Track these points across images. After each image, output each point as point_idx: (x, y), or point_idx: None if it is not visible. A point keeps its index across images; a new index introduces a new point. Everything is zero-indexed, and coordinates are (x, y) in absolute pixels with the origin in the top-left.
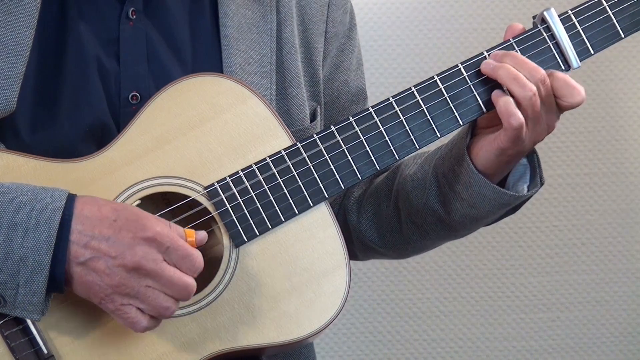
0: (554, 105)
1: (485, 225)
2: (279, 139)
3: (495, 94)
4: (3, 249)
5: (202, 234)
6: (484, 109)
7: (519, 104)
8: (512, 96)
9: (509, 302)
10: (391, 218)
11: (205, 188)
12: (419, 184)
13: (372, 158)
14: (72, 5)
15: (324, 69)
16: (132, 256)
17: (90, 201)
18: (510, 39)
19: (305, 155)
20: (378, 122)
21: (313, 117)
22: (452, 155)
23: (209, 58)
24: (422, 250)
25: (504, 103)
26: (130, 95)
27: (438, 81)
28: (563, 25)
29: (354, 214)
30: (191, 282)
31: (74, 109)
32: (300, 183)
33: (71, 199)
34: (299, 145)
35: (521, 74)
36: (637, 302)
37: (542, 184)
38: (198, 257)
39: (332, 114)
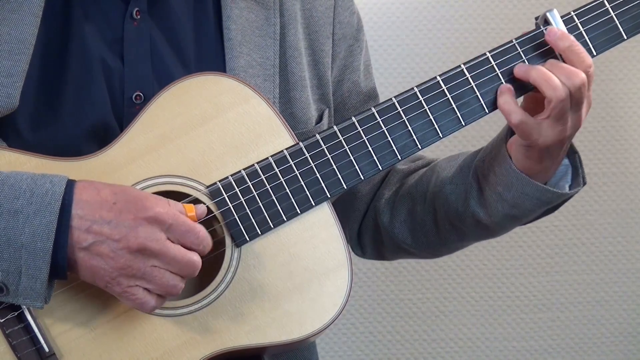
0: (584, 104)
1: (522, 225)
2: (281, 139)
3: (499, 92)
4: (4, 236)
5: (202, 207)
6: (487, 110)
7: (548, 103)
8: (545, 96)
9: (509, 302)
10: (426, 220)
11: (207, 187)
12: (458, 187)
13: (375, 158)
14: (76, 4)
15: (332, 71)
16: (135, 238)
17: (88, 185)
18: (513, 40)
19: (307, 155)
20: (380, 122)
21: (319, 120)
22: (492, 157)
23: (212, 60)
24: (457, 250)
25: (502, 102)
26: (134, 95)
27: (441, 82)
28: (566, 26)
29: (386, 216)
30: (196, 258)
31: (77, 108)
32: (302, 183)
33: (70, 184)
34: (301, 145)
35: (552, 75)
36: (637, 302)
37: (584, 183)
38: (201, 230)
39: (344, 115)
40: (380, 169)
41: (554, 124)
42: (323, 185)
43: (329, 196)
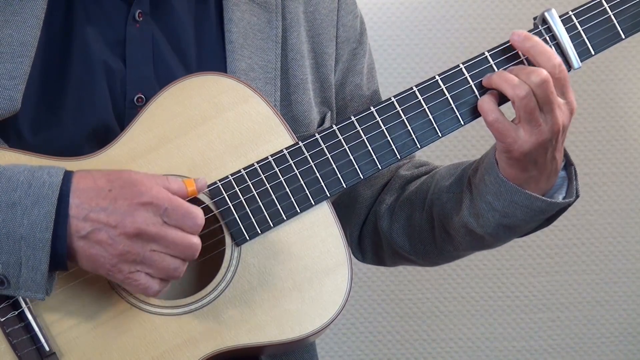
0: (554, 104)
1: (520, 237)
2: (280, 138)
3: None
4: (3, 229)
5: (202, 181)
6: None
7: (513, 104)
8: (508, 97)
9: (509, 302)
10: (424, 228)
11: (207, 186)
12: (454, 196)
13: (374, 157)
14: (79, 6)
15: (336, 74)
16: (132, 223)
17: (85, 175)
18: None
19: (307, 154)
20: (380, 121)
21: (322, 123)
22: (483, 166)
23: (213, 63)
24: (453, 259)
25: (480, 102)
26: (135, 97)
27: (439, 81)
28: (564, 25)
29: (386, 221)
30: (195, 240)
31: (78, 110)
32: (302, 182)
33: (68, 175)
34: (300, 144)
35: (513, 75)
36: (637, 302)
37: (577, 196)
38: (199, 213)
39: (347, 118)
40: (380, 168)
41: (526, 126)
42: (322, 184)
43: (329, 195)
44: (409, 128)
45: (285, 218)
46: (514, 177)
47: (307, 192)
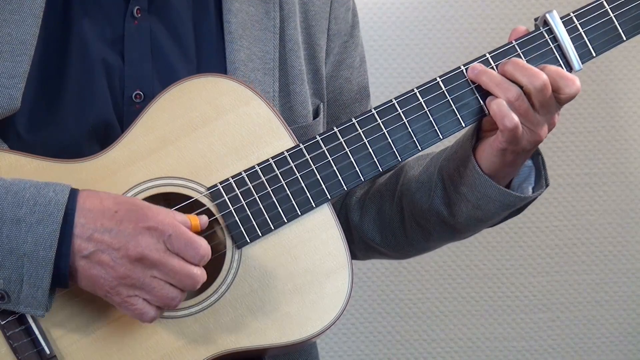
0: (554, 104)
1: (489, 227)
2: (281, 140)
3: (490, 98)
4: (7, 244)
5: (204, 218)
6: (487, 111)
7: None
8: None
9: (509, 302)
10: (394, 219)
11: (208, 189)
12: (423, 185)
13: (375, 160)
14: (77, 4)
15: (326, 67)
16: (135, 247)
17: (92, 195)
18: (513, 41)
19: (308, 156)
20: (381, 123)
21: (316, 114)
22: (458, 157)
23: (213, 55)
24: (424, 251)
25: (497, 106)
26: (134, 94)
27: (440, 83)
28: (565, 27)
29: (356, 214)
30: (196, 271)
31: (78, 108)
32: (302, 184)
33: (74, 193)
34: (301, 146)
35: (503, 79)
36: (637, 302)
37: (547, 185)
38: (202, 244)
39: (335, 111)
40: (381, 170)
41: (528, 126)
42: (324, 186)
43: (330, 198)
44: (410, 130)
45: (286, 220)
46: (498, 170)
47: (307, 194)
